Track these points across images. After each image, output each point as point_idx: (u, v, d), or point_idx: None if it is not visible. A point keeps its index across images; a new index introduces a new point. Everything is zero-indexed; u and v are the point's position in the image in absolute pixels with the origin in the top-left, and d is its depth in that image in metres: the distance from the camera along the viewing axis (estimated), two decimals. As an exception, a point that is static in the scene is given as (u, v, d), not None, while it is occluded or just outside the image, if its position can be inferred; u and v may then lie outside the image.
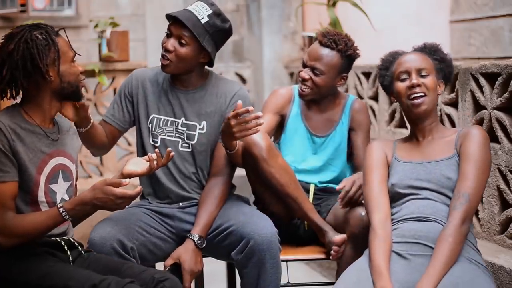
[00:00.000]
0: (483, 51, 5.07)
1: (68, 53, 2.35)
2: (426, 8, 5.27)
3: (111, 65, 5.53)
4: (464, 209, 2.36)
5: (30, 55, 2.29)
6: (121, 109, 2.88)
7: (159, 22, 6.96)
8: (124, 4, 7.39)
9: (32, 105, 2.37)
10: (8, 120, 2.30)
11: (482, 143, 2.47)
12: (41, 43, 2.30)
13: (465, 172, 2.42)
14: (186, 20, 2.72)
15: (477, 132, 2.51)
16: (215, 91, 2.86)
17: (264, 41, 6.29)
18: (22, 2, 6.84)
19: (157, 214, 2.82)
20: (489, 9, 5.03)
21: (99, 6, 7.25)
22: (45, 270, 2.26)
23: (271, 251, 2.66)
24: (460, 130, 2.57)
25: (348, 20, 5.01)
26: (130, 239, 2.63)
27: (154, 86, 2.87)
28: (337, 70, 2.95)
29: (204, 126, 2.84)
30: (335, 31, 2.99)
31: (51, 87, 2.34)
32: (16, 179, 2.29)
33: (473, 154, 2.45)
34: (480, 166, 2.43)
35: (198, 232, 2.74)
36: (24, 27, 2.35)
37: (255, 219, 2.73)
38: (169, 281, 2.35)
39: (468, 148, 2.46)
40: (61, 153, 2.42)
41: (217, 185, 2.81)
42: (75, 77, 2.37)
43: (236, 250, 2.69)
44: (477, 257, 2.41)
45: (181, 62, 2.76)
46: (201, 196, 2.82)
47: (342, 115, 3.04)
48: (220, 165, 2.83)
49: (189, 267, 2.68)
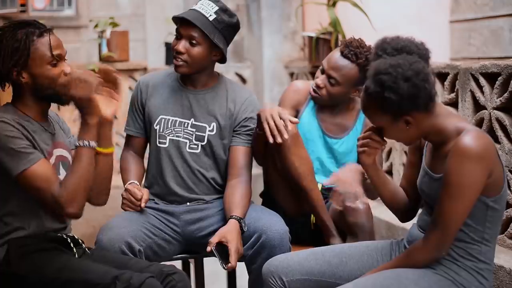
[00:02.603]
0: (483, 51, 5.07)
1: (45, 55, 2.33)
2: (426, 8, 5.27)
3: (111, 65, 5.53)
4: (435, 235, 2.16)
5: (1, 54, 2.31)
6: (136, 119, 2.90)
7: (159, 22, 6.97)
8: (124, 4, 7.40)
9: (21, 102, 2.38)
10: (11, 116, 2.31)
11: (464, 161, 2.07)
12: (14, 44, 2.30)
13: (440, 195, 2.15)
14: (195, 19, 2.72)
15: (463, 145, 2.08)
16: (225, 94, 2.87)
17: (264, 41, 6.29)
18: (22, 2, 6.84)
19: (162, 213, 2.82)
20: (489, 9, 5.02)
21: (99, 6, 7.26)
22: (60, 264, 2.26)
23: (282, 248, 2.66)
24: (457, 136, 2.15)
25: (348, 20, 5.01)
26: (137, 241, 2.63)
27: (163, 88, 2.87)
28: (353, 83, 2.92)
29: (213, 127, 2.84)
30: (359, 43, 2.92)
31: (28, 88, 2.35)
32: (42, 156, 2.29)
33: (447, 175, 2.11)
34: (454, 193, 2.10)
35: (239, 214, 2.70)
36: (12, 24, 2.37)
37: (268, 215, 2.74)
38: (177, 275, 2.36)
39: (447, 164, 2.11)
40: (58, 144, 2.44)
41: (240, 185, 2.80)
42: (50, 81, 2.34)
43: (247, 245, 2.69)
44: (461, 276, 2.20)
45: (195, 62, 2.77)
46: (228, 193, 2.79)
47: (357, 121, 3.02)
48: (239, 167, 2.83)
49: (236, 246, 2.61)
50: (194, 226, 2.81)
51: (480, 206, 2.16)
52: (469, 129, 2.13)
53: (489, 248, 2.22)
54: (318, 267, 2.41)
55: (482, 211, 2.17)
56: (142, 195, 2.72)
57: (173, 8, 6.85)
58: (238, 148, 2.84)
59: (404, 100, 2.09)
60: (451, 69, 3.44)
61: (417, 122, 2.16)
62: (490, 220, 2.18)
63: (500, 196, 2.17)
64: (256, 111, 2.83)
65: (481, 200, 2.15)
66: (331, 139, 3.02)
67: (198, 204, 2.84)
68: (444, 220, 2.13)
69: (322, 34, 5.09)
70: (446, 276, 2.20)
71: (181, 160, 2.82)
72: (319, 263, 2.41)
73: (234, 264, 2.61)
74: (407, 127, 2.16)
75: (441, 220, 2.14)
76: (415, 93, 2.09)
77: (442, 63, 3.61)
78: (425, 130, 2.19)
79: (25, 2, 6.85)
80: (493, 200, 2.16)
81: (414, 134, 2.19)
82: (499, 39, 4.91)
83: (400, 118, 2.15)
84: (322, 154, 3.02)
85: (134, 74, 5.70)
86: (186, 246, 2.84)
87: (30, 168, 2.24)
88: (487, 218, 2.18)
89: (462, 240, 2.20)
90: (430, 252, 2.19)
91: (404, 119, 2.15)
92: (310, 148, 3.00)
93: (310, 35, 5.25)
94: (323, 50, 5.05)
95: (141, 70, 5.70)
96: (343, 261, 2.41)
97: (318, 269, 2.40)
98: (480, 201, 2.15)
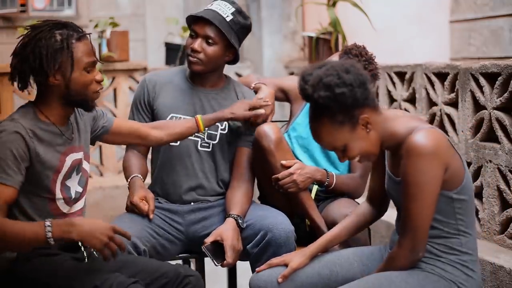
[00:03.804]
0: (483, 51, 5.07)
1: (82, 60, 2.27)
2: (426, 8, 5.28)
3: (111, 65, 5.53)
4: (407, 238, 2.17)
5: (39, 54, 2.23)
6: (142, 118, 2.88)
7: (159, 22, 6.98)
8: (124, 4, 7.40)
9: (44, 104, 2.32)
10: (27, 122, 2.26)
11: (417, 160, 2.09)
12: (54, 45, 2.24)
13: (402, 197, 2.16)
14: (213, 18, 2.73)
15: (414, 144, 2.10)
16: (234, 94, 2.90)
17: (264, 41, 6.29)
18: (22, 2, 6.85)
19: (166, 212, 2.81)
20: (489, 9, 5.03)
21: (99, 6, 7.26)
22: (52, 270, 2.25)
23: (287, 246, 2.66)
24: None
25: (348, 20, 5.02)
26: (143, 242, 2.62)
27: (171, 87, 2.87)
28: None
29: (225, 126, 2.85)
30: (359, 51, 2.92)
31: (58, 91, 2.29)
32: (16, 187, 2.22)
33: (404, 176, 2.13)
34: (414, 192, 2.11)
35: (237, 212, 2.72)
36: (48, 23, 2.30)
37: (274, 214, 2.74)
38: (195, 278, 2.37)
39: (403, 165, 2.13)
40: (74, 149, 2.39)
41: (243, 184, 2.81)
42: (83, 86, 2.29)
43: (253, 243, 2.69)
44: (447, 271, 2.22)
45: (210, 62, 2.78)
46: (229, 192, 2.81)
47: None
48: (243, 167, 2.84)
49: (232, 243, 2.63)
50: (198, 226, 2.81)
51: (444, 200, 2.17)
52: (419, 127, 2.14)
53: (469, 239, 2.23)
54: (309, 280, 2.39)
55: (449, 205, 2.18)
56: (148, 207, 2.72)
57: (173, 8, 6.85)
58: (243, 149, 2.86)
59: (355, 88, 2.10)
60: (451, 69, 3.44)
61: (373, 122, 2.16)
62: (460, 212, 2.20)
63: (462, 187, 2.19)
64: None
65: (444, 194, 2.16)
66: None
67: (202, 204, 2.84)
68: (411, 221, 2.14)
69: (322, 34, 5.09)
70: (433, 272, 2.22)
71: (192, 159, 2.82)
72: (309, 275, 2.40)
73: (230, 261, 2.62)
74: (367, 131, 2.16)
75: (408, 222, 2.15)
76: (362, 80, 2.12)
77: (442, 63, 3.61)
78: (381, 133, 2.19)
79: (25, 2, 6.86)
80: (456, 192, 2.18)
81: (375, 139, 2.19)
82: (499, 39, 4.91)
83: (358, 120, 2.14)
84: (316, 153, 3.03)
85: (134, 74, 5.70)
86: (188, 245, 2.84)
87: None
88: (456, 210, 2.19)
89: (438, 236, 2.21)
90: (406, 255, 2.19)
91: (361, 120, 2.14)
92: (305, 148, 3.02)
93: (310, 35, 5.25)
94: (323, 50, 5.05)
95: (141, 70, 5.70)
96: (334, 272, 2.40)
97: (310, 282, 2.39)
98: (443, 195, 2.16)
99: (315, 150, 3.02)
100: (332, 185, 2.88)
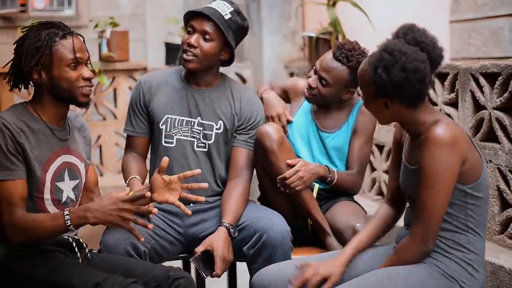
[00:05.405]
0: (483, 51, 5.07)
1: (65, 57, 2.33)
2: (426, 8, 5.28)
3: (111, 65, 5.53)
4: (419, 228, 2.18)
5: (21, 51, 2.33)
6: (139, 120, 2.87)
7: (159, 22, 6.98)
8: (124, 4, 7.40)
9: (38, 102, 2.38)
10: (14, 118, 2.31)
11: (435, 149, 2.14)
12: (36, 43, 2.31)
13: (418, 186, 2.19)
14: (212, 15, 2.74)
15: (434, 134, 2.15)
16: (230, 93, 2.88)
17: (264, 41, 6.29)
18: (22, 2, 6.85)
19: (165, 213, 2.81)
20: (489, 9, 5.03)
21: (99, 6, 7.26)
22: (51, 267, 2.27)
23: (283, 247, 2.66)
24: None
25: (348, 20, 5.02)
26: (143, 243, 2.62)
27: (166, 87, 2.87)
28: (344, 85, 2.93)
29: (221, 125, 2.85)
30: (352, 46, 2.92)
31: (46, 88, 2.35)
32: (24, 177, 2.29)
33: (421, 164, 2.16)
34: (430, 181, 2.15)
35: (229, 221, 2.71)
36: (40, 24, 2.37)
37: (270, 215, 2.73)
38: (184, 280, 2.36)
39: (421, 154, 2.18)
40: (68, 151, 2.42)
41: (239, 184, 2.81)
42: (67, 83, 2.34)
43: (249, 245, 2.69)
44: (449, 267, 2.22)
45: (205, 58, 2.78)
46: (224, 194, 2.81)
47: (349, 116, 3.03)
48: (239, 168, 2.84)
49: (222, 254, 2.62)
50: (197, 227, 2.81)
51: (458, 193, 2.19)
52: (443, 121, 2.18)
53: (477, 238, 2.23)
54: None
55: (462, 199, 2.19)
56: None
57: (173, 8, 6.86)
58: (240, 149, 2.85)
59: (389, 85, 2.14)
60: (451, 69, 3.44)
61: (394, 110, 2.20)
62: (471, 208, 2.20)
63: (478, 183, 2.20)
64: (259, 111, 2.88)
65: (458, 187, 2.18)
66: (324, 133, 3.03)
67: (201, 205, 2.84)
68: (425, 210, 2.16)
69: (322, 34, 5.09)
70: (436, 270, 2.22)
71: (189, 160, 2.82)
72: None
73: (219, 272, 2.61)
74: (384, 109, 2.21)
75: (422, 212, 2.16)
76: (402, 85, 2.14)
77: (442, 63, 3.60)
78: (402, 119, 2.24)
79: (25, 2, 6.86)
80: (471, 187, 2.19)
81: (388, 118, 2.25)
82: (499, 39, 4.91)
83: (381, 98, 2.19)
84: (315, 149, 3.03)
85: (134, 74, 5.70)
86: (188, 246, 2.83)
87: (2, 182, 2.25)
88: (468, 206, 2.20)
89: (447, 229, 2.22)
90: (416, 246, 2.20)
91: (384, 101, 2.20)
92: (304, 144, 3.02)
93: (310, 35, 5.25)
94: (323, 50, 5.05)
95: (141, 70, 5.70)
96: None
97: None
98: (458, 188, 2.18)
99: (314, 148, 3.02)
100: (334, 180, 2.89)
